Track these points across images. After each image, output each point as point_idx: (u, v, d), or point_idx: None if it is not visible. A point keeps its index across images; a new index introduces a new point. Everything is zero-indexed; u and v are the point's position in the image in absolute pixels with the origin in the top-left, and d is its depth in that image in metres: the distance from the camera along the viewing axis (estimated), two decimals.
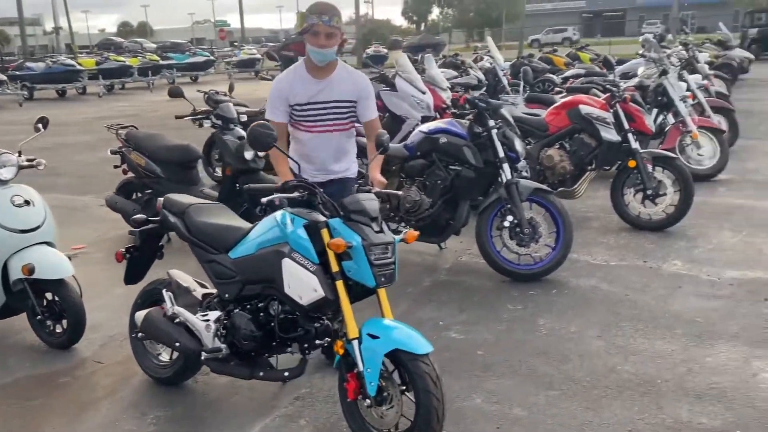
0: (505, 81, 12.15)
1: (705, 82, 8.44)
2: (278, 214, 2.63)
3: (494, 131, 4.27)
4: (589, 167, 5.48)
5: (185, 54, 29.75)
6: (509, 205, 4.25)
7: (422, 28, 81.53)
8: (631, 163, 5.15)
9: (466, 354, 3.26)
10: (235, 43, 45.59)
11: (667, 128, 6.89)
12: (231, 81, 7.44)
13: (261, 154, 4.99)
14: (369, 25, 74.73)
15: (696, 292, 3.91)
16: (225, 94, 6.51)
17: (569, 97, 5.81)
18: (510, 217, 4.27)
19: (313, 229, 2.48)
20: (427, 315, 3.77)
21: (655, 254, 4.61)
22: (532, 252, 4.30)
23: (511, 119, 4.45)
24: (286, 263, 2.49)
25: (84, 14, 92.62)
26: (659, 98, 6.79)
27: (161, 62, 26.99)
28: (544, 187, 4.40)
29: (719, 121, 7.75)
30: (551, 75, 13.29)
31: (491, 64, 12.55)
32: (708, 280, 4.08)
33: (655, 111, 7.02)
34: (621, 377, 2.97)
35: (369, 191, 2.63)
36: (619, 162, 5.39)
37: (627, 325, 3.50)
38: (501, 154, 4.24)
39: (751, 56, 17.25)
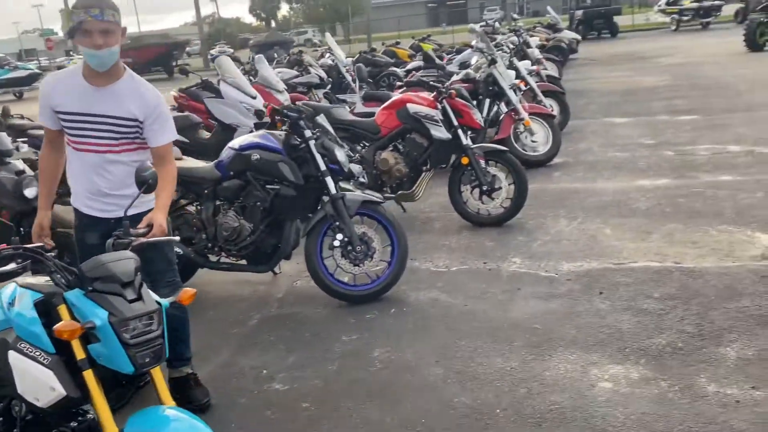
0: (349, 78, 11.87)
1: (535, 67, 8.62)
2: (4, 287, 2.04)
3: (312, 142, 3.85)
4: (425, 167, 5.27)
5: (4, 68, 26.69)
6: (337, 222, 3.87)
7: (272, 25, 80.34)
8: (464, 160, 4.98)
9: (290, 410, 2.82)
10: (71, 53, 41.74)
11: (501, 117, 6.90)
12: (4, 105, 6.33)
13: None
14: (216, 25, 72.29)
15: (534, 293, 3.76)
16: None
17: (396, 97, 5.55)
18: (340, 235, 3.89)
19: (48, 307, 1.92)
20: (250, 363, 3.29)
21: (495, 253, 4.44)
22: (368, 270, 3.96)
23: (328, 127, 4.05)
24: (13, 356, 1.90)
25: None
26: (490, 88, 6.79)
27: None
28: (374, 197, 4.05)
29: (550, 106, 7.94)
30: (395, 68, 13.24)
31: (333, 61, 12.26)
32: (546, 277, 3.96)
33: (488, 101, 7.04)
34: (458, 413, 2.67)
35: (128, 244, 2.10)
36: (454, 159, 5.23)
37: (466, 343, 3.24)
38: (322, 167, 3.83)
39: (578, 37, 18.35)
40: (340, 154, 3.95)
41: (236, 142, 4.10)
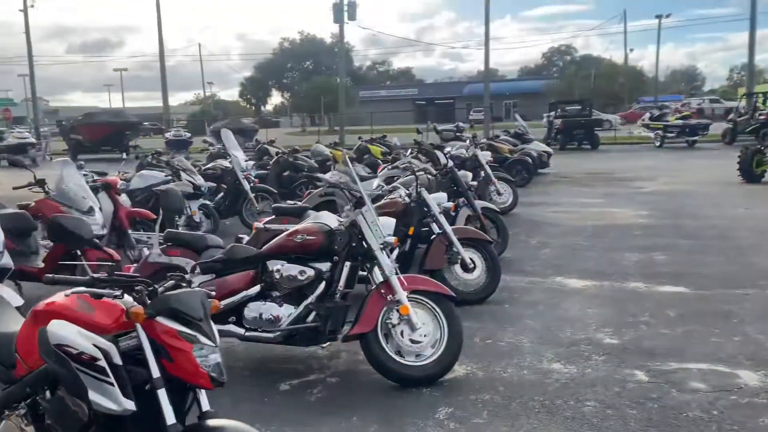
0: (246, 186, 9.38)
1: (450, 204, 6.24)
2: None
3: None
4: None
5: None
6: None
7: (261, 110, 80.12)
8: None
9: None
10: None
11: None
12: None
13: None
14: (215, 106, 71.68)
15: None
16: None
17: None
18: None
19: None
20: None
21: None
22: None
23: None
24: None
25: None
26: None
27: None
28: None
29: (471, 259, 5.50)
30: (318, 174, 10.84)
31: (230, 163, 9.80)
32: None
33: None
34: None
35: None
36: None
37: None
38: None
39: (550, 150, 16.21)
40: None
41: None
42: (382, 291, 3.95)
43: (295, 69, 75.09)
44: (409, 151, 10.86)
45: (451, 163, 7.33)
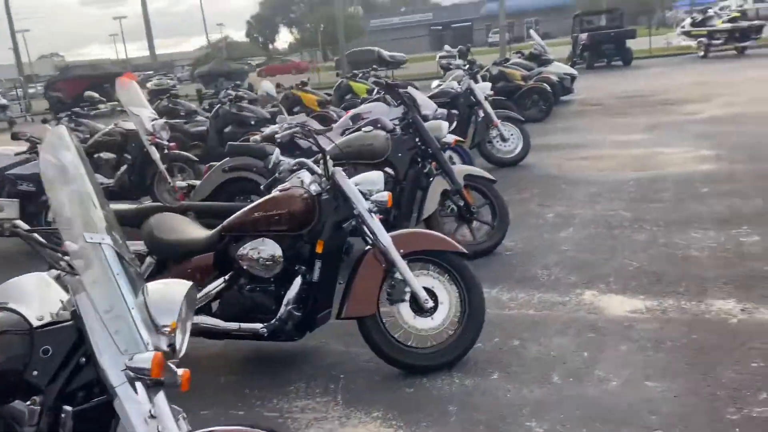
0: (155, 154, 7.01)
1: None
2: None
3: None
4: None
5: None
6: None
7: (269, 49, 76.72)
8: None
9: None
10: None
11: None
12: None
13: None
14: (226, 48, 68.70)
15: None
16: None
17: None
18: None
19: None
20: None
21: None
22: None
23: None
24: None
25: None
26: None
27: None
28: None
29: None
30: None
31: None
32: None
33: None
34: None
35: None
36: None
37: None
38: None
39: (574, 72, 13.26)
40: None
41: None
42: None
43: (302, 1, 71.35)
44: (375, 91, 8.20)
45: (415, 113, 4.73)
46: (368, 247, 3.06)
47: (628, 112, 10.92)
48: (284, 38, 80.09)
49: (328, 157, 3.15)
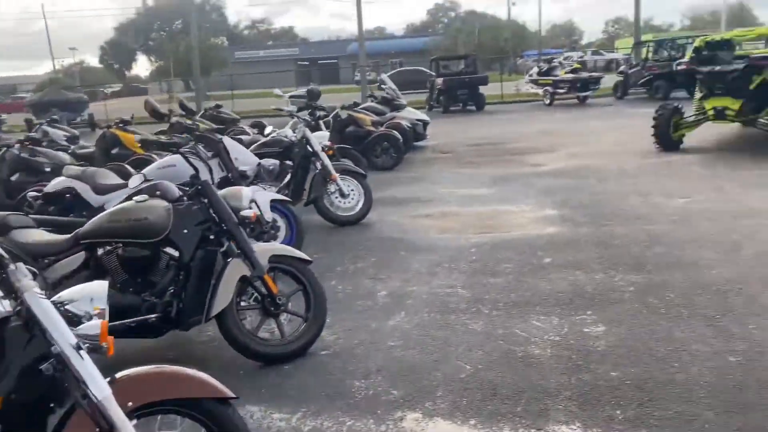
0: None
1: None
2: None
3: None
4: None
5: None
6: None
7: (126, 76, 72.31)
8: None
9: None
10: None
11: None
12: None
13: None
14: (80, 74, 63.39)
15: None
16: None
17: None
18: None
19: None
20: None
21: None
22: None
23: None
24: None
25: None
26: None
27: None
28: None
29: None
30: None
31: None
32: None
33: None
34: None
35: None
36: None
37: None
38: None
39: (426, 118, 13.00)
40: None
41: None
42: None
43: (162, 30, 68.03)
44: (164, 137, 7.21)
45: (207, 177, 3.77)
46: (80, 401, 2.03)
47: (477, 162, 10.70)
48: (143, 66, 75.74)
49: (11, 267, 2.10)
